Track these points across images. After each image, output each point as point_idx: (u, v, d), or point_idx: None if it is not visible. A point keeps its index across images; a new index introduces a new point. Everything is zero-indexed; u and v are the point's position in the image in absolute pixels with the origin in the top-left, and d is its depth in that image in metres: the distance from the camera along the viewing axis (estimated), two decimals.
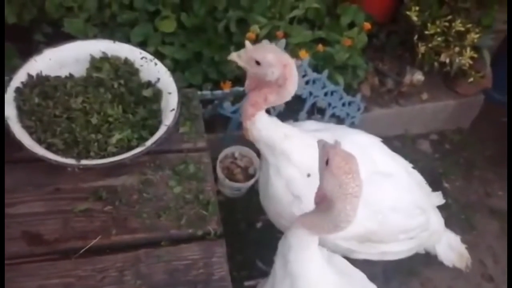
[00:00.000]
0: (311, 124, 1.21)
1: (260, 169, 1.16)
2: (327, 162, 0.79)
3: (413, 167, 1.25)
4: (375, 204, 1.07)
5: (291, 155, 1.04)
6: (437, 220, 1.23)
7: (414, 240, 1.17)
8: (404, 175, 1.17)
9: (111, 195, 0.84)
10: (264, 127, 1.03)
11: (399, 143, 1.92)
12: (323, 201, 0.82)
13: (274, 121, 1.06)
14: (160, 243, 0.80)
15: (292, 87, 0.97)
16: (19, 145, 0.80)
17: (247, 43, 0.96)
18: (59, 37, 1.38)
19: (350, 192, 0.78)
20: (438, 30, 1.66)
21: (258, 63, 0.93)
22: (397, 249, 1.16)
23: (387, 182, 1.11)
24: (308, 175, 1.04)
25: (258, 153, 1.26)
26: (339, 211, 0.78)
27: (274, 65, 0.93)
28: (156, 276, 0.76)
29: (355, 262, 1.03)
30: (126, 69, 0.98)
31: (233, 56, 0.96)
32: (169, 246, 0.80)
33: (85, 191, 0.84)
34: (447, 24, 1.65)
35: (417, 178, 1.25)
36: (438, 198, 1.29)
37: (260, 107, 1.00)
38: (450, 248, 1.29)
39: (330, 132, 1.16)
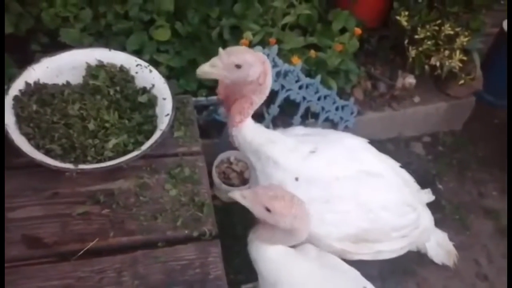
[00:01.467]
0: (300, 130, 1.23)
1: (250, 177, 1.18)
2: (268, 209, 0.84)
3: (401, 166, 1.27)
4: (366, 204, 1.09)
5: (277, 159, 1.05)
6: (427, 217, 1.25)
7: (406, 238, 1.19)
8: (392, 174, 1.19)
9: (108, 198, 0.86)
10: (249, 133, 1.04)
11: (393, 146, 1.94)
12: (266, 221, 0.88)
13: (258, 127, 1.07)
14: (157, 244, 0.82)
15: (270, 81, 0.99)
16: (18, 152, 0.82)
17: (220, 50, 0.94)
18: (55, 46, 1.40)
19: (303, 217, 0.86)
20: (428, 34, 1.69)
21: (238, 66, 0.93)
22: (390, 248, 1.18)
23: (376, 181, 1.13)
24: (296, 179, 1.06)
25: None
26: (300, 232, 0.88)
27: (254, 64, 0.94)
28: (153, 276, 0.78)
29: (350, 264, 1.04)
30: (121, 76, 1.00)
31: (204, 68, 0.93)
32: (166, 247, 0.82)
33: (83, 195, 0.86)
34: (436, 28, 1.69)
35: (405, 176, 1.26)
36: (427, 195, 1.31)
37: (247, 112, 1.01)
38: (439, 246, 1.31)
39: (319, 136, 1.18)
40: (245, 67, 0.94)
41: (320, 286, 0.93)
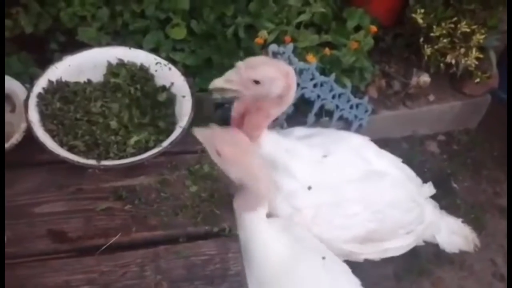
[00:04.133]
0: (300, 130, 1.22)
1: None
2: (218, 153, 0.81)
3: (402, 161, 1.27)
4: (374, 205, 1.09)
5: (293, 170, 1.04)
6: (431, 210, 1.24)
7: (412, 234, 1.19)
8: (396, 171, 1.19)
9: (130, 194, 0.87)
10: (268, 147, 1.01)
11: (407, 145, 1.94)
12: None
13: (276, 138, 1.04)
14: (178, 239, 0.83)
15: (293, 95, 0.92)
16: (42, 148, 0.83)
17: (239, 63, 0.85)
18: (73, 45, 1.43)
19: (256, 171, 0.81)
20: (444, 32, 1.68)
21: (257, 82, 0.85)
22: (397, 245, 1.18)
23: (383, 180, 1.13)
24: (309, 188, 1.05)
25: None
26: (260, 190, 0.83)
27: (277, 78, 0.86)
28: (175, 271, 0.79)
29: (361, 265, 1.04)
30: (141, 74, 1.02)
31: (218, 83, 0.86)
32: (187, 243, 0.83)
33: (106, 191, 0.87)
34: (452, 25, 1.68)
35: (407, 172, 1.26)
36: (429, 189, 1.30)
37: (264, 126, 0.96)
38: (453, 233, 1.30)
39: (321, 136, 1.18)
40: (265, 82, 0.86)
41: (279, 253, 0.92)
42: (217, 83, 0.88)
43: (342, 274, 1.00)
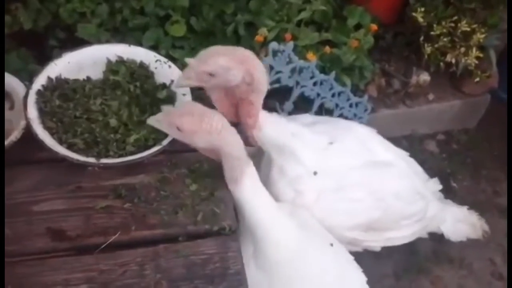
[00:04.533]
0: (307, 117, 1.22)
1: (258, 168, 1.11)
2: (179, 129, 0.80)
3: (409, 155, 1.27)
4: (378, 192, 1.09)
5: (299, 154, 1.04)
6: (436, 205, 1.25)
7: (418, 224, 1.19)
8: (402, 163, 1.19)
9: (130, 192, 0.87)
10: (272, 131, 1.01)
11: (407, 144, 1.94)
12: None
13: (279, 120, 1.04)
14: (177, 238, 0.83)
15: (262, 78, 0.88)
16: (41, 145, 0.83)
17: (188, 60, 0.84)
18: (72, 42, 1.42)
19: (217, 129, 0.79)
20: (444, 30, 1.68)
21: (211, 74, 0.84)
22: (401, 235, 1.18)
23: (388, 170, 1.13)
24: (315, 173, 1.05)
25: None
26: (225, 149, 0.80)
27: (230, 67, 0.84)
28: (175, 270, 0.79)
29: (360, 262, 1.04)
30: (141, 72, 1.01)
31: (180, 82, 0.85)
32: (187, 242, 0.83)
33: (105, 189, 0.87)
34: (452, 24, 1.67)
35: (413, 165, 1.26)
36: (435, 185, 1.30)
37: (254, 113, 0.96)
38: (459, 222, 1.30)
39: (327, 124, 1.18)
40: (219, 73, 0.83)
41: (287, 234, 0.91)
42: (179, 82, 0.87)
43: (349, 261, 1.00)
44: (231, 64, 0.84)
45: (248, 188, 0.85)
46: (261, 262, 0.90)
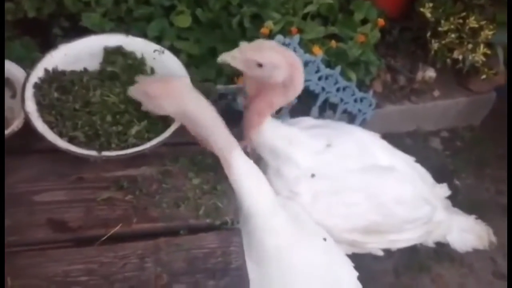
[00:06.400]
0: (308, 121, 1.20)
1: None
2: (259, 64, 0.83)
3: (416, 161, 1.26)
4: (377, 197, 1.08)
5: (294, 157, 1.03)
6: (443, 213, 1.23)
7: (425, 226, 1.18)
8: (407, 168, 1.18)
9: (131, 184, 0.86)
10: (268, 136, 1.00)
11: (411, 140, 1.92)
12: None
13: (277, 126, 1.03)
14: (179, 232, 0.82)
15: (300, 86, 0.91)
16: (42, 137, 0.82)
17: (242, 43, 0.86)
18: (77, 31, 1.41)
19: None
20: (452, 27, 1.66)
21: (260, 65, 0.85)
22: (405, 237, 1.17)
23: (389, 175, 1.12)
24: (312, 175, 1.04)
25: None
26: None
27: (280, 66, 0.85)
28: (176, 263, 0.78)
29: (361, 259, 1.03)
30: (139, 62, 0.99)
31: (225, 57, 0.87)
32: (188, 235, 0.82)
33: (107, 181, 0.86)
34: (461, 21, 1.66)
35: (420, 171, 1.25)
36: (443, 190, 1.29)
37: (266, 114, 0.96)
38: (464, 232, 1.29)
39: (329, 128, 1.16)
40: (267, 67, 0.85)
41: (281, 225, 0.91)
42: (224, 57, 0.88)
43: (340, 257, 1.00)
44: (281, 63, 0.85)
45: (240, 167, 0.86)
46: (253, 252, 0.89)
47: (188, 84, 0.85)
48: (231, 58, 0.87)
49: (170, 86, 0.83)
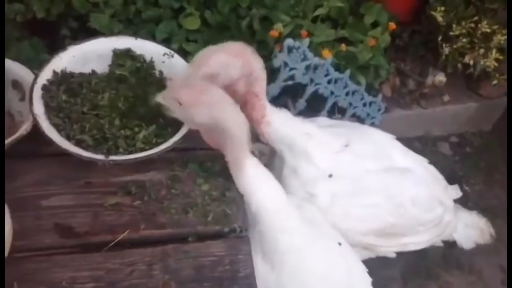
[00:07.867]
0: (324, 120, 1.20)
1: (270, 167, 1.09)
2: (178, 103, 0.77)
3: (429, 162, 1.24)
4: (396, 198, 1.06)
5: (313, 155, 1.01)
6: (453, 212, 1.22)
7: (434, 230, 1.17)
8: (421, 169, 1.17)
9: (140, 190, 0.85)
10: (281, 125, 0.99)
11: (420, 145, 1.90)
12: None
13: (290, 118, 1.02)
14: (187, 238, 0.81)
15: (259, 65, 0.88)
16: (49, 140, 0.81)
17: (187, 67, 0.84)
18: (85, 32, 1.40)
19: (217, 101, 0.76)
20: (464, 31, 1.64)
21: (214, 76, 0.83)
22: (417, 240, 1.16)
23: (406, 176, 1.11)
24: (330, 176, 1.03)
25: None
26: (230, 133, 0.77)
27: (230, 62, 0.84)
28: (183, 271, 0.77)
29: (368, 265, 1.02)
30: (148, 65, 0.98)
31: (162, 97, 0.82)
32: (196, 242, 0.81)
33: (115, 186, 0.85)
34: (472, 25, 1.63)
35: (433, 172, 1.24)
36: (454, 191, 1.27)
37: (261, 105, 0.94)
38: (468, 227, 1.28)
39: (345, 128, 1.16)
40: (221, 71, 0.83)
41: (294, 226, 0.88)
42: (160, 98, 0.85)
43: (355, 262, 0.98)
44: (229, 59, 0.84)
45: (251, 171, 0.80)
46: (267, 255, 0.87)
47: (221, 92, 0.79)
48: (162, 98, 0.84)
49: (205, 95, 0.77)
